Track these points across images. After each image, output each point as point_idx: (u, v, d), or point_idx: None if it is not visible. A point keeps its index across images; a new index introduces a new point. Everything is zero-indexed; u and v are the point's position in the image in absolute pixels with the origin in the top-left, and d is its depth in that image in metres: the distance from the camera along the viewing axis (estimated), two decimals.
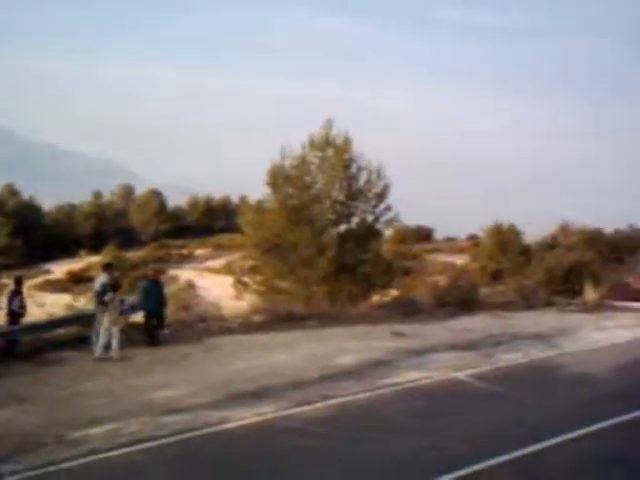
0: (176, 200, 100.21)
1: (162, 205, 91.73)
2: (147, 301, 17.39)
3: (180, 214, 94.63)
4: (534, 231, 37.35)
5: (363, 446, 9.81)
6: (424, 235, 62.27)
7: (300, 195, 23.84)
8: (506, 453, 9.29)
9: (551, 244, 34.63)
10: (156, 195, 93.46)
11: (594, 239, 34.80)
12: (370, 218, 24.25)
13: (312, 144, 24.02)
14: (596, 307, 22.75)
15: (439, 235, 65.86)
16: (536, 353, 16.34)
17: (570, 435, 10.14)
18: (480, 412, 11.73)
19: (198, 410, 11.52)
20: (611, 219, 42.89)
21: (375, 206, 24.03)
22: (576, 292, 24.25)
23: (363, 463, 9.17)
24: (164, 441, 9.90)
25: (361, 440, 10.05)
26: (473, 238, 51.04)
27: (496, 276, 29.83)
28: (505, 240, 34.13)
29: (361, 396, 12.42)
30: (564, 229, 37.27)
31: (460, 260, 39.10)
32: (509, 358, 15.76)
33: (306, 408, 11.63)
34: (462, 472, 8.66)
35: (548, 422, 10.98)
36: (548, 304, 23.22)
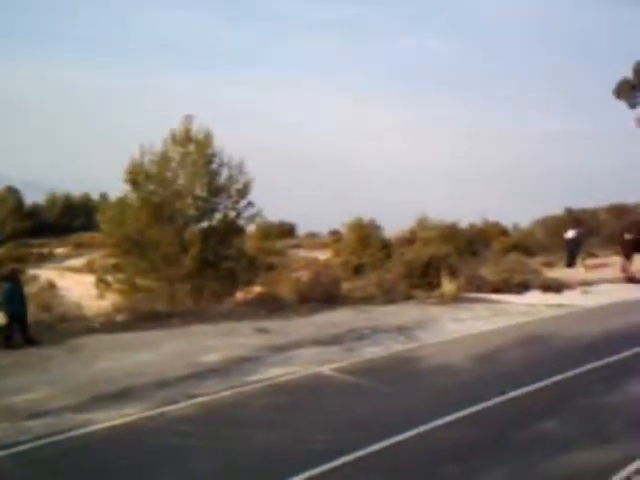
0: (36, 198, 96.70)
1: (19, 203, 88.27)
2: (9, 302, 16.67)
3: (38, 212, 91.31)
4: (395, 226, 38.29)
5: (228, 443, 9.87)
6: (287, 231, 62.67)
7: (161, 192, 23.55)
8: (370, 444, 9.60)
9: (410, 238, 35.53)
10: (12, 193, 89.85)
11: (450, 233, 35.92)
12: (232, 214, 24.21)
13: (173, 140, 23.76)
14: (454, 299, 23.49)
15: (301, 231, 66.33)
16: (397, 346, 16.77)
17: (430, 425, 10.57)
18: (344, 405, 11.98)
19: (61, 413, 11.22)
20: (467, 213, 44.29)
21: (237, 202, 24.00)
22: (434, 285, 24.95)
23: (228, 460, 9.23)
24: (26, 446, 9.61)
25: (226, 437, 10.10)
26: (335, 234, 51.73)
27: (358, 271, 30.35)
28: (366, 235, 34.74)
29: (226, 393, 12.43)
30: (422, 223, 38.18)
31: (323, 255, 39.59)
32: (372, 351, 16.11)
33: (171, 408, 11.54)
34: (329, 465, 8.88)
35: (409, 412, 11.37)
36: (408, 297, 23.79)
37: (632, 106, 66.15)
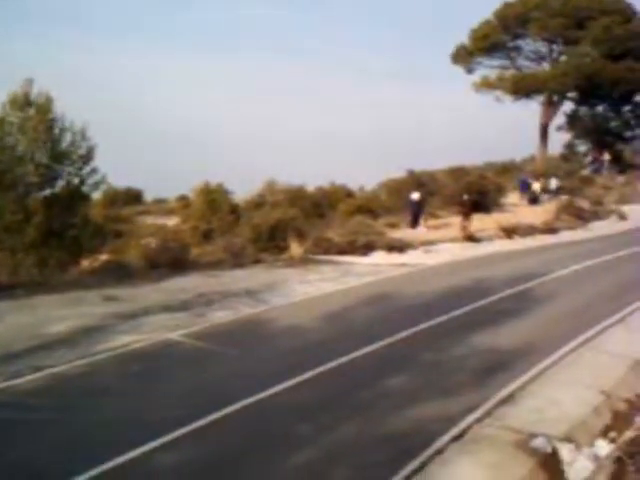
0: None
1: None
2: None
3: None
4: (245, 190, 38.30)
5: (77, 414, 9.79)
6: (134, 197, 61.38)
7: (1, 158, 22.59)
8: (222, 408, 9.81)
9: (258, 202, 35.67)
10: None
11: (298, 196, 36.30)
12: (76, 181, 23.53)
13: (12, 104, 22.79)
14: (301, 262, 23.87)
15: (149, 197, 65.05)
16: (247, 309, 16.94)
17: (279, 387, 10.87)
18: (194, 371, 12.09)
19: None
20: (313, 177, 44.79)
21: (81, 168, 23.34)
22: (282, 248, 25.24)
23: (77, 431, 9.20)
24: None
25: (75, 408, 10.01)
26: (183, 199, 51.16)
27: (207, 236, 30.23)
28: (214, 200, 34.56)
29: (75, 364, 12.24)
30: (270, 187, 38.35)
31: (171, 221, 39.19)
32: (221, 316, 16.21)
33: (17, 381, 11.27)
34: (182, 430, 9.05)
35: (258, 375, 11.61)
36: (257, 261, 23.96)
37: (469, 71, 68.67)
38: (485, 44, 66.29)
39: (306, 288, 19.64)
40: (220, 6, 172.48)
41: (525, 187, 46.72)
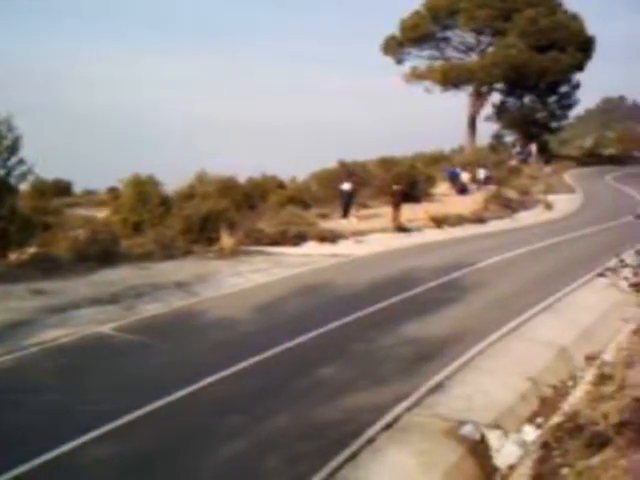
0: None
1: None
2: None
3: None
4: (176, 181, 37.91)
5: (3, 411, 9.65)
6: (63, 189, 60.29)
7: None
8: (153, 401, 9.76)
9: (189, 193, 35.34)
10: None
11: (228, 187, 36.11)
12: (2, 172, 23.04)
13: None
14: (233, 253, 23.74)
15: (78, 188, 63.96)
16: (178, 302, 16.82)
17: (212, 378, 10.87)
18: (124, 364, 11.99)
19: None
20: (245, 167, 44.62)
21: (7, 160, 22.87)
22: (214, 240, 25.07)
23: (3, 429, 9.07)
24: None
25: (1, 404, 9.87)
26: (113, 191, 50.46)
27: (138, 228, 29.84)
28: (144, 191, 34.11)
29: (1, 359, 12.05)
30: (201, 178, 38.03)
31: (101, 214, 38.60)
32: (151, 308, 16.07)
33: None
34: (112, 425, 8.97)
35: (190, 367, 11.59)
36: (187, 253, 23.74)
37: (399, 62, 69.27)
38: (415, 35, 67.01)
39: (238, 280, 19.59)
40: None
41: (454, 177, 47.38)
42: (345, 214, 33.37)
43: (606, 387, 10.73)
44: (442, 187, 46.77)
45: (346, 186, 33.89)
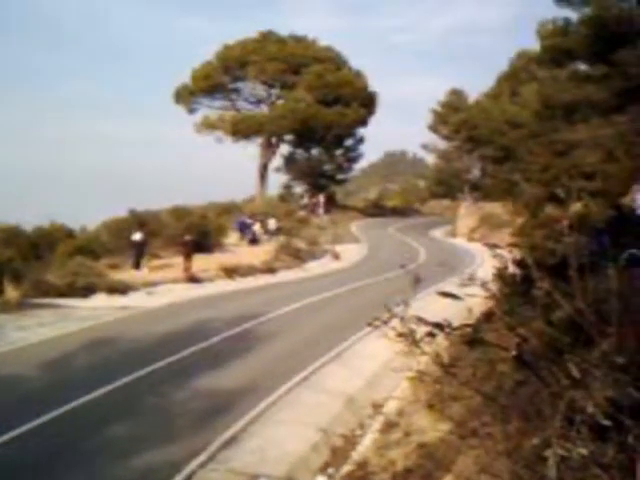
0: None
1: None
2: None
3: None
4: None
5: None
6: None
7: None
8: None
9: None
10: None
11: (14, 236, 34.59)
12: None
13: None
14: (18, 306, 22.74)
15: None
16: None
17: None
18: None
19: None
20: (32, 216, 42.83)
21: None
22: None
23: None
24: None
25: None
26: None
27: None
28: None
29: None
30: None
31: None
32: None
33: None
34: None
35: None
36: None
37: (190, 111, 69.56)
38: (206, 85, 67.63)
39: (23, 334, 18.80)
40: None
41: (243, 228, 48.00)
42: (137, 265, 32.90)
43: (393, 434, 11.24)
44: (233, 237, 47.19)
45: (137, 236, 33.47)
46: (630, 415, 3.83)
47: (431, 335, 4.56)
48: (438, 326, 4.58)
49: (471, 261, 37.61)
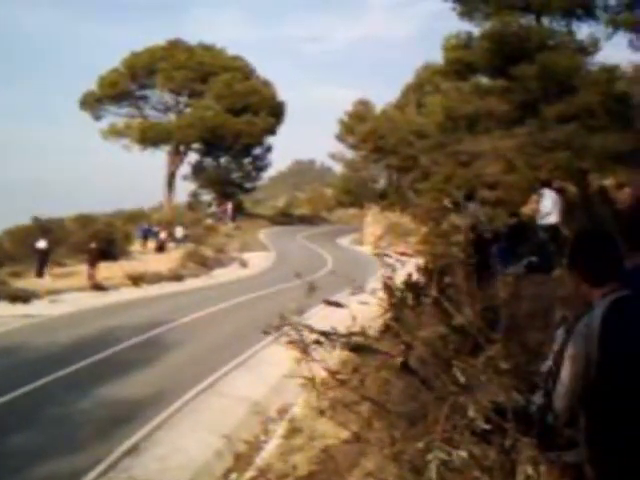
0: None
1: None
2: None
3: None
4: None
5: None
6: None
7: None
8: None
9: None
10: None
11: None
12: None
13: None
14: None
15: None
16: None
17: None
18: None
19: None
20: None
21: None
22: None
23: None
24: None
25: None
26: None
27: None
28: None
29: None
30: None
31: None
32: None
33: None
34: None
35: None
36: None
37: (97, 118, 68.57)
38: (113, 92, 66.78)
39: None
40: None
41: (147, 235, 47.68)
42: (40, 273, 32.30)
43: (296, 440, 11.44)
44: (140, 245, 46.79)
45: (41, 244, 32.88)
46: (515, 418, 3.95)
47: (318, 343, 4.77)
48: (324, 334, 4.79)
49: (377, 269, 38.12)
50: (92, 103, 67.33)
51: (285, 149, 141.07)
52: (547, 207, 14.44)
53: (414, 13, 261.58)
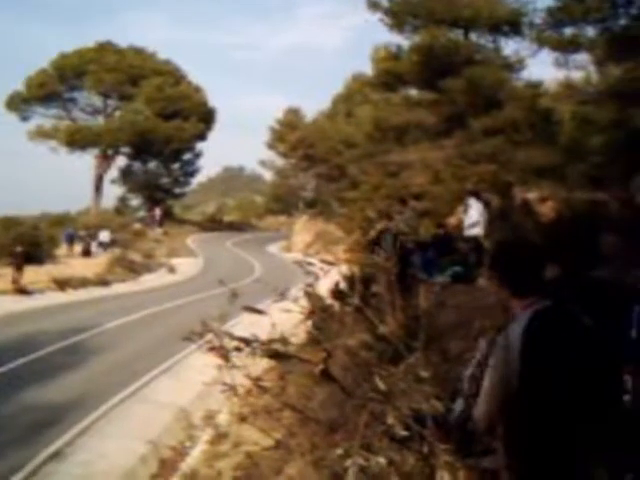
0: None
1: None
2: None
3: None
4: None
5: None
6: None
7: None
8: None
9: None
10: None
11: None
12: None
13: None
14: None
15: None
16: None
17: None
18: None
19: None
20: None
21: None
22: None
23: None
24: None
25: None
26: None
27: None
28: None
29: None
30: None
31: None
32: None
33: None
34: None
35: None
36: None
37: (24, 119, 67.31)
38: (41, 93, 65.65)
39: None
40: None
41: (71, 239, 46.96)
42: None
43: (222, 445, 11.50)
44: (66, 249, 46.05)
45: None
46: (434, 425, 4.08)
47: (238, 349, 4.86)
48: (245, 341, 4.89)
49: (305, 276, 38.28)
50: (19, 104, 66.04)
51: (215, 155, 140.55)
52: (473, 217, 14.79)
53: (343, 25, 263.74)
